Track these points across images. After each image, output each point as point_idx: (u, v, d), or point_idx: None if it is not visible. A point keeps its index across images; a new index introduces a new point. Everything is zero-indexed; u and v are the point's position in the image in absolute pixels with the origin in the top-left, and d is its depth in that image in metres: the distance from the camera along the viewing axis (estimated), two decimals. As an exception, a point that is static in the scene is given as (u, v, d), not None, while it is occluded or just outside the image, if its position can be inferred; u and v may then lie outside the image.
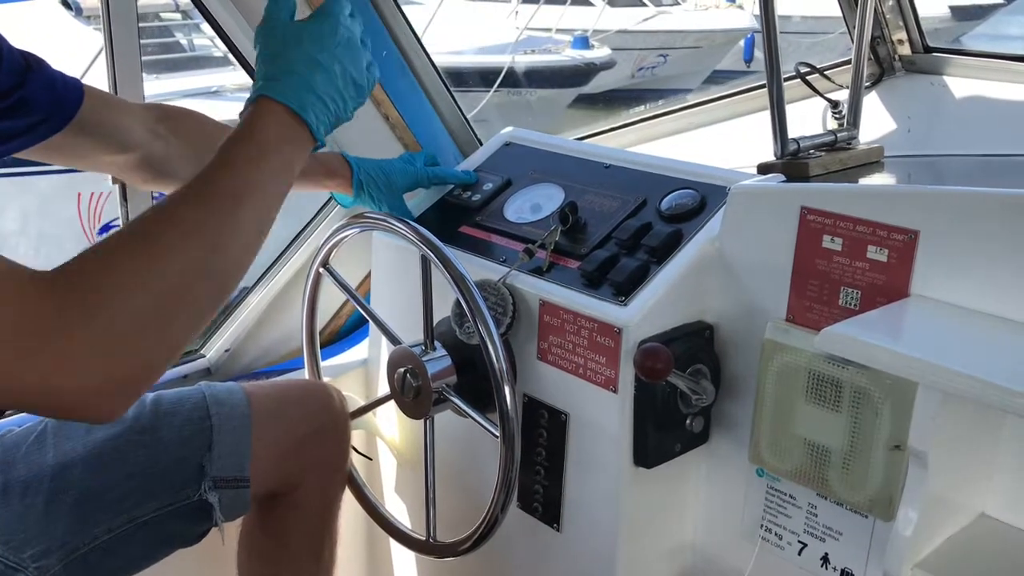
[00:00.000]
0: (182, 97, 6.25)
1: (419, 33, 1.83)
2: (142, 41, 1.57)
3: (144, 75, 1.59)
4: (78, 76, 1.27)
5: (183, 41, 7.57)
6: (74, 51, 5.18)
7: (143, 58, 1.58)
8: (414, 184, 1.67)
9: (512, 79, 9.90)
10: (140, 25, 1.56)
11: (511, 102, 10.00)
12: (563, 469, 1.42)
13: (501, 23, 10.79)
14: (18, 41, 1.19)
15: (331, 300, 1.92)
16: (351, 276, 1.75)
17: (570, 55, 10.51)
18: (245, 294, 1.90)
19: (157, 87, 6.42)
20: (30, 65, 1.19)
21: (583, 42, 10.69)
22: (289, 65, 1.05)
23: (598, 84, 10.55)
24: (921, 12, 2.02)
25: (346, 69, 1.09)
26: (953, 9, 11.38)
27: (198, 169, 1.39)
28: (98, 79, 1.48)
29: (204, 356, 1.85)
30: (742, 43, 12.05)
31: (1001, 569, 1.13)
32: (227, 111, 5.88)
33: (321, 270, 1.57)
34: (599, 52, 10.71)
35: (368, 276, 1.82)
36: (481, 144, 1.87)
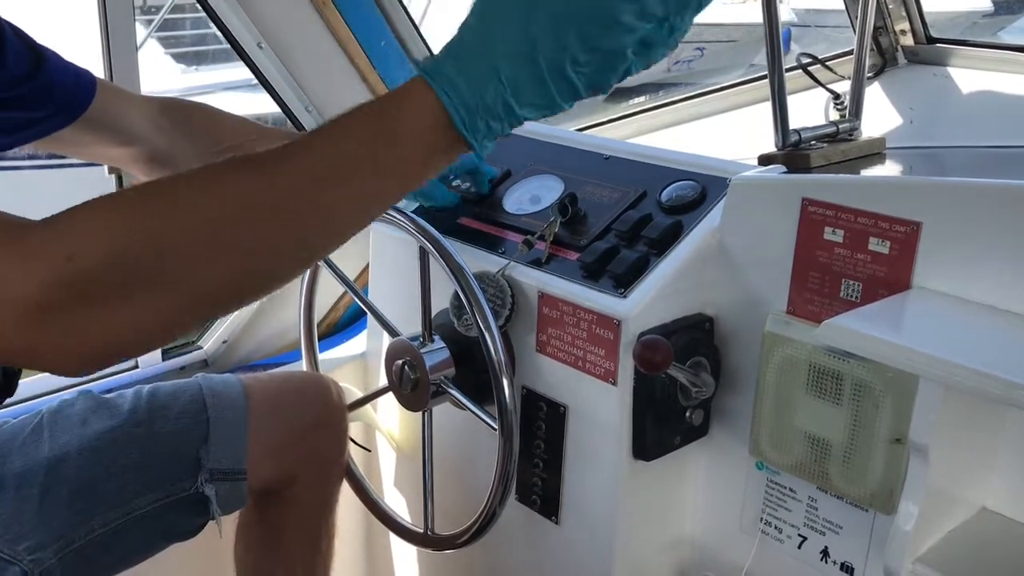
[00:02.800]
0: (223, 90, 6.05)
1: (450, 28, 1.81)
2: (179, 33, 1.56)
3: (183, 67, 1.57)
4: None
5: (219, 32, 7.46)
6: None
7: (180, 50, 1.56)
8: (451, 168, 1.54)
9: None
10: (176, 16, 1.54)
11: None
12: (562, 462, 1.41)
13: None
14: (55, 24, 1.18)
15: (329, 292, 1.92)
16: (349, 268, 1.75)
17: (608, 47, 10.39)
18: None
19: (197, 79, 6.26)
20: (42, 56, 1.18)
21: (621, 35, 10.57)
22: (475, 42, 0.74)
23: (633, 78, 10.44)
24: (964, 6, 2.02)
25: (569, 43, 0.72)
26: (996, 3, 11.27)
27: (202, 163, 1.38)
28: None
29: (201, 348, 1.84)
30: (779, 36, 11.87)
31: (1002, 563, 1.12)
32: (269, 104, 5.81)
33: (319, 262, 1.57)
34: (637, 46, 10.59)
35: (366, 268, 1.81)
36: (480, 135, 1.86)
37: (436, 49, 1.81)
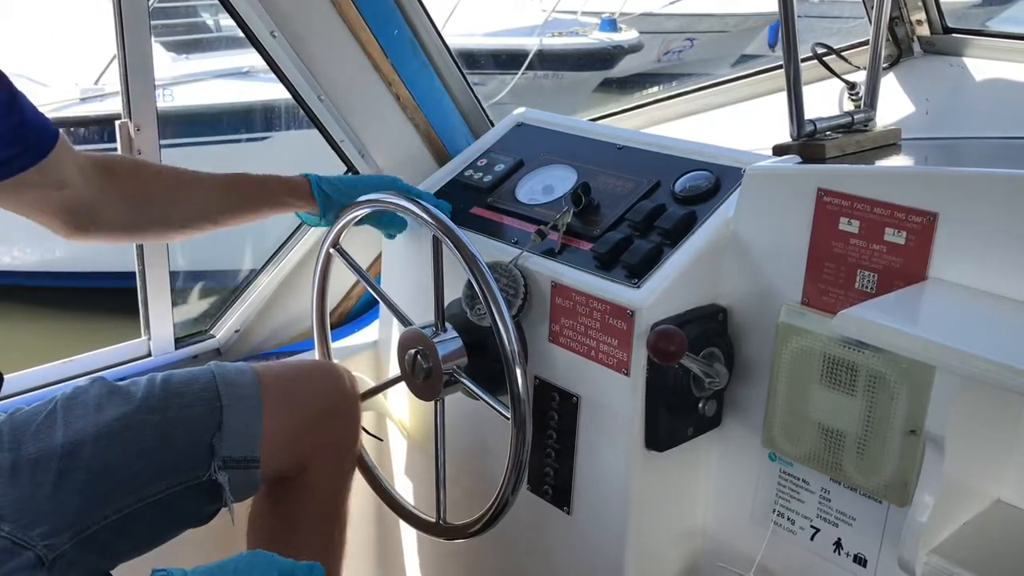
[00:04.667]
0: (213, 77, 6.11)
1: (447, 17, 1.80)
2: (168, 22, 1.54)
3: (173, 55, 1.55)
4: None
5: (209, 21, 7.49)
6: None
7: (170, 39, 1.55)
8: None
9: (538, 62, 9.80)
10: (165, 5, 1.53)
11: (535, 86, 9.88)
12: (574, 452, 1.41)
13: (526, 4, 10.65)
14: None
15: (341, 281, 1.91)
16: (362, 257, 1.74)
17: (598, 38, 10.37)
18: (255, 275, 1.89)
19: (187, 68, 6.28)
20: (16, 96, 1.19)
21: (611, 24, 10.54)
22: None
23: (623, 68, 10.43)
24: (954, -3, 1.98)
25: None
26: (986, -6, 11.21)
27: (122, 219, 1.37)
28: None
29: (214, 336, 1.84)
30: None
31: (1017, 555, 1.12)
32: (258, 92, 5.83)
33: (332, 250, 1.57)
34: (627, 35, 10.54)
35: (379, 257, 1.81)
36: (493, 125, 1.86)
37: (447, 41, 1.81)
